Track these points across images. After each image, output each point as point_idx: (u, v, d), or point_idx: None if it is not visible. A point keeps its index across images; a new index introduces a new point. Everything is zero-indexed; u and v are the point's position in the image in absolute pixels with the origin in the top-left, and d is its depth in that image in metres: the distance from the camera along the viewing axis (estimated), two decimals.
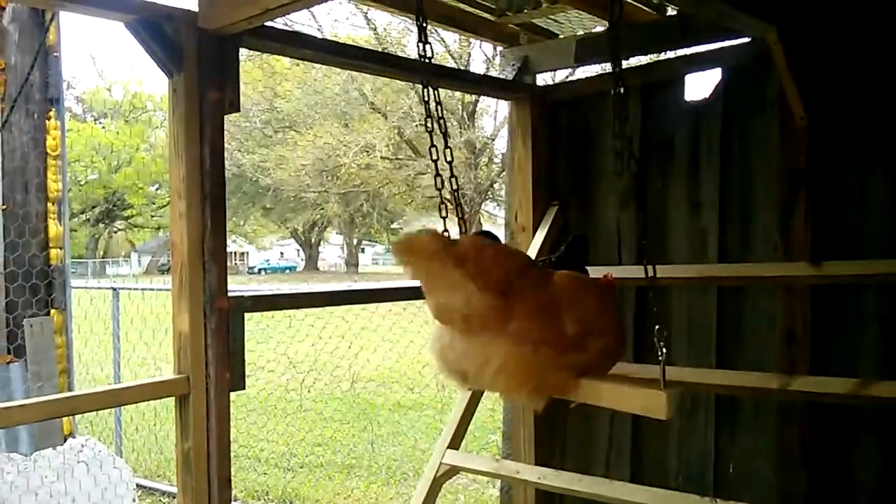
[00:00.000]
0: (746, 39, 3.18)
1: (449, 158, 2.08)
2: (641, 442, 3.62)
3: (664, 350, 1.65)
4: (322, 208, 36.53)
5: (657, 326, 1.66)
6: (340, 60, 3.18)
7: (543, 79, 4.01)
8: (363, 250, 58.48)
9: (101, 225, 45.38)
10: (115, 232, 49.46)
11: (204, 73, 2.57)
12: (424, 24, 2.09)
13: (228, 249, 2.80)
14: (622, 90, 1.84)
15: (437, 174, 2.07)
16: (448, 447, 3.31)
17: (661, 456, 3.55)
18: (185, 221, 2.56)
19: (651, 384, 1.58)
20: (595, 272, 2.13)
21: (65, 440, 4.44)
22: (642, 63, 3.85)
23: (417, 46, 2.08)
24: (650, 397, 1.56)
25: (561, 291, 1.76)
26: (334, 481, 6.73)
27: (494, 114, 27.87)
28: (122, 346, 7.65)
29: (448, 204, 2.03)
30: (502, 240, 2.43)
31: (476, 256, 1.67)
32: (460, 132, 24.66)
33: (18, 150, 4.30)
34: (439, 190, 2.03)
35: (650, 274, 1.76)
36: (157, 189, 43.07)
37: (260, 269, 51.43)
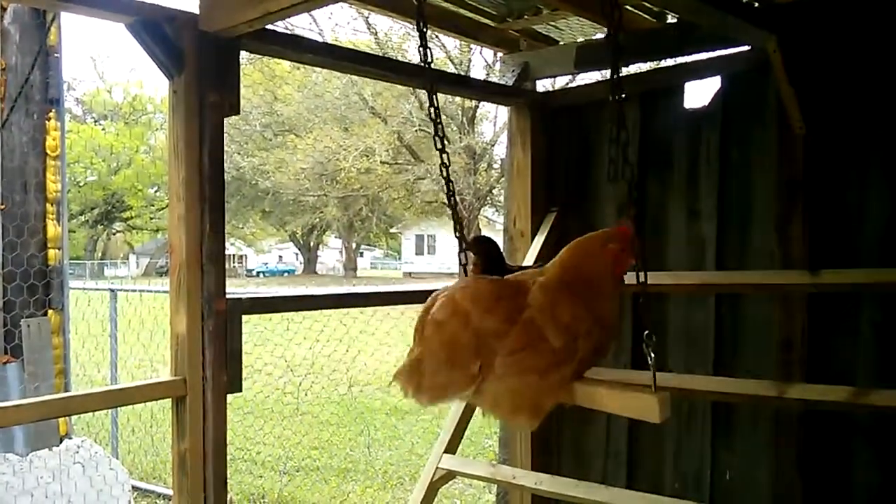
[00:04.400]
0: (746, 48, 3.19)
1: (447, 163, 2.09)
2: (638, 448, 3.62)
3: (654, 355, 1.67)
4: (321, 212, 36.55)
5: (646, 332, 1.68)
6: (341, 64, 3.19)
7: (543, 85, 4.03)
8: (362, 254, 58.45)
9: (99, 226, 45.37)
10: (114, 234, 49.47)
11: (204, 76, 2.57)
12: (425, 30, 2.09)
13: (227, 252, 2.80)
14: (621, 97, 1.83)
15: (448, 180, 2.10)
16: (444, 451, 3.31)
17: (657, 463, 3.55)
18: (184, 224, 2.56)
19: (644, 388, 1.62)
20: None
21: (61, 441, 4.43)
22: (642, 70, 3.86)
23: (419, 51, 2.08)
24: (642, 401, 1.59)
25: (537, 308, 1.69)
26: (330, 485, 6.72)
27: (494, 119, 27.97)
28: (120, 348, 7.64)
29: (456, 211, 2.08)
30: (500, 244, 2.43)
31: (435, 360, 1.66)
32: (460, 137, 24.69)
33: (18, 150, 4.30)
34: (451, 196, 2.09)
35: (641, 279, 1.76)
36: (156, 191, 43.09)
37: (258, 272, 51.38)
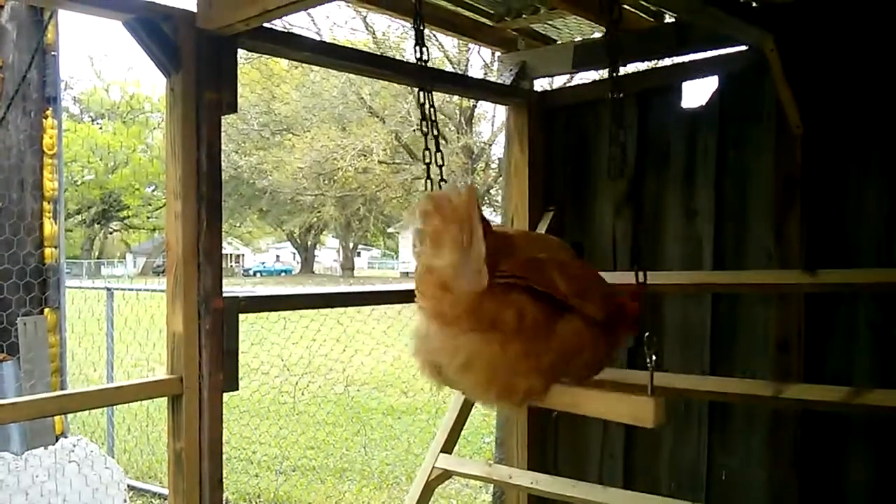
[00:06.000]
0: (743, 48, 3.19)
1: (440, 162, 2.09)
2: (634, 448, 3.62)
3: (654, 357, 1.63)
4: (318, 212, 36.52)
5: (647, 334, 1.65)
6: (338, 63, 3.18)
7: (541, 84, 4.02)
8: (359, 254, 58.40)
9: (96, 226, 45.25)
10: (111, 233, 49.34)
11: (202, 74, 2.57)
12: (422, 28, 2.10)
13: (224, 251, 2.79)
14: (620, 95, 1.84)
15: (430, 178, 2.09)
16: (441, 451, 3.31)
17: (653, 462, 3.55)
18: (181, 221, 2.56)
19: (638, 391, 1.53)
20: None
21: (56, 440, 4.42)
22: (639, 70, 3.86)
23: (415, 50, 2.08)
24: (637, 405, 1.50)
25: (549, 254, 1.68)
26: (326, 485, 6.72)
27: (492, 119, 27.91)
28: (116, 347, 7.63)
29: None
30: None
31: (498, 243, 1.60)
32: (458, 137, 24.69)
33: (15, 147, 4.30)
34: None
35: (641, 280, 1.75)
36: (153, 190, 42.98)
37: (255, 272, 51.33)
